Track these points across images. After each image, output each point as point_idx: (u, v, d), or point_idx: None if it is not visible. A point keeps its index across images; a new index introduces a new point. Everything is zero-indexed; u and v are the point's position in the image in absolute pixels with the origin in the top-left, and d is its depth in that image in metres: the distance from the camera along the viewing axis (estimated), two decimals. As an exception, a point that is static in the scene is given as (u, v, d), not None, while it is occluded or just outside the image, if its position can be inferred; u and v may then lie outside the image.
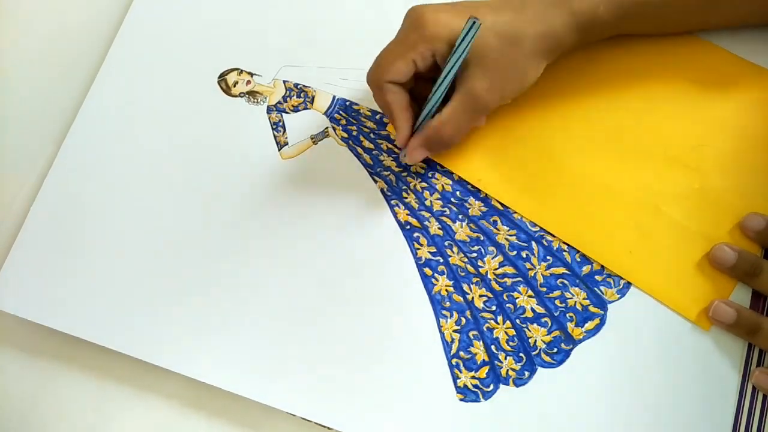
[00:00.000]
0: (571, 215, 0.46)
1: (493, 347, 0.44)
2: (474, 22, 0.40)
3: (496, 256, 0.46)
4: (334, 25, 0.54)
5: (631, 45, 0.48)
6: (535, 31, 0.43)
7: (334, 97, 0.52)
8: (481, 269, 0.46)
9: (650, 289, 0.44)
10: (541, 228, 0.46)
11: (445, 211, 0.48)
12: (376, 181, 0.49)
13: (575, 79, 0.48)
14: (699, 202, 0.45)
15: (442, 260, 0.47)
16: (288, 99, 0.52)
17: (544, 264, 0.46)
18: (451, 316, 0.45)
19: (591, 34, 0.45)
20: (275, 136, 0.51)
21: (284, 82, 0.53)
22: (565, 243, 0.46)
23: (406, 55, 0.43)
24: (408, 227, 0.48)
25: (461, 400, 0.44)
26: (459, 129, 0.45)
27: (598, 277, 0.45)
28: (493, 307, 0.45)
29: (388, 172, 0.49)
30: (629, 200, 0.46)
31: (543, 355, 0.44)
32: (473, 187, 0.48)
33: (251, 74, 0.53)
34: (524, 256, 0.46)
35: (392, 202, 0.48)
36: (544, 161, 0.47)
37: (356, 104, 0.52)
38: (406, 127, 0.45)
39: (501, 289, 0.45)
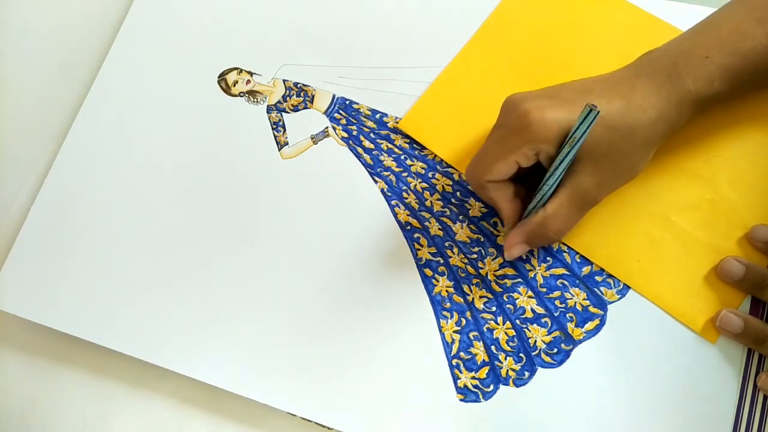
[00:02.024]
0: (580, 221, 0.46)
1: (493, 348, 0.44)
2: (591, 110, 0.36)
3: (496, 257, 0.46)
4: (333, 24, 0.54)
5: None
6: (648, 119, 0.39)
7: (333, 96, 0.52)
8: (481, 270, 0.46)
9: (656, 298, 0.44)
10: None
11: (445, 212, 0.48)
12: (376, 182, 0.49)
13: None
14: (710, 213, 0.45)
15: (442, 261, 0.47)
16: (288, 98, 0.52)
17: (543, 265, 0.46)
18: (452, 316, 0.45)
19: (704, 111, 0.42)
20: (275, 136, 0.51)
21: (284, 81, 0.53)
22: (565, 243, 0.46)
23: (507, 157, 0.40)
24: (408, 228, 0.48)
25: (461, 400, 0.44)
26: (565, 226, 0.42)
27: (598, 278, 0.45)
28: (493, 308, 0.45)
29: (389, 173, 0.49)
30: (639, 209, 0.45)
31: (543, 356, 0.44)
32: (473, 187, 0.48)
33: (251, 73, 0.53)
34: (524, 256, 0.46)
35: (392, 202, 0.48)
36: None
37: (356, 103, 0.52)
38: (514, 218, 0.43)
39: (501, 289, 0.46)
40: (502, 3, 0.52)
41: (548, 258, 0.46)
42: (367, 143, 0.50)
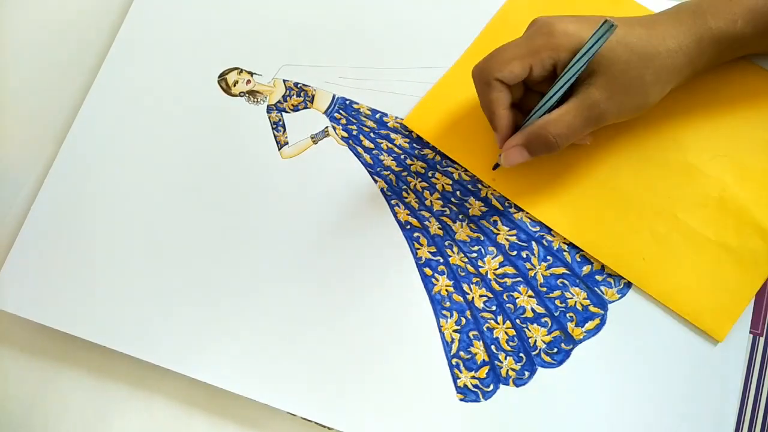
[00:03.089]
0: (585, 219, 0.46)
1: (493, 347, 0.44)
2: (607, 23, 0.38)
3: (496, 256, 0.46)
4: (333, 24, 0.54)
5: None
6: (666, 48, 0.41)
7: (333, 96, 0.52)
8: (481, 269, 0.46)
9: (662, 296, 0.44)
10: (542, 228, 0.46)
11: (445, 211, 0.48)
12: (376, 181, 0.49)
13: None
14: (717, 211, 0.45)
15: (442, 260, 0.46)
16: (288, 98, 0.52)
17: (544, 264, 0.45)
18: (451, 316, 0.45)
19: (725, 53, 0.42)
20: (275, 136, 0.51)
21: (284, 81, 0.53)
22: (565, 243, 0.46)
23: (525, 58, 0.41)
24: (408, 227, 0.48)
25: (461, 400, 0.44)
26: (567, 132, 0.42)
27: (598, 277, 0.45)
28: (493, 307, 0.45)
29: (389, 172, 0.49)
30: (645, 207, 0.45)
31: (543, 355, 0.44)
32: (473, 186, 0.48)
33: (251, 73, 0.53)
34: (524, 256, 0.46)
35: (392, 201, 0.48)
36: (560, 164, 0.47)
37: (356, 103, 0.52)
38: (507, 126, 0.43)
39: (501, 289, 0.45)
40: (508, 2, 0.52)
41: (548, 257, 0.46)
42: (367, 143, 0.50)
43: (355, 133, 0.51)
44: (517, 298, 0.45)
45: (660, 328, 0.43)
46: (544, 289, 0.45)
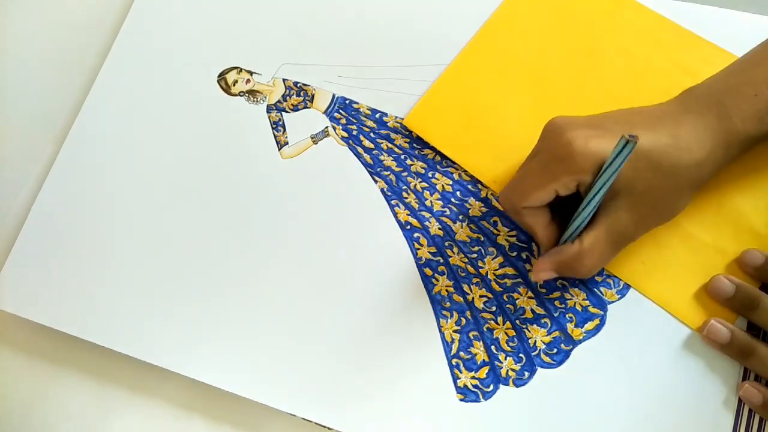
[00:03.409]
0: None
1: (493, 347, 0.44)
2: (627, 143, 0.34)
3: (496, 256, 0.46)
4: (333, 24, 0.54)
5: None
6: (693, 159, 0.38)
7: (333, 95, 0.52)
8: (481, 270, 0.46)
9: (660, 300, 0.44)
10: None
11: (445, 212, 0.48)
12: (376, 181, 0.49)
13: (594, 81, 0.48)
14: (716, 215, 0.44)
15: (442, 260, 0.46)
16: (288, 98, 0.52)
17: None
18: (451, 316, 0.45)
19: (750, 149, 0.40)
20: (275, 136, 0.51)
21: (284, 80, 0.53)
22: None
23: (547, 185, 0.39)
24: (408, 227, 0.48)
25: (461, 400, 0.44)
26: (599, 263, 0.41)
27: (597, 278, 0.45)
28: (493, 308, 0.45)
29: (389, 172, 0.49)
30: None
31: (543, 356, 0.44)
32: (474, 187, 0.48)
33: (251, 73, 0.53)
34: (524, 257, 0.46)
35: (392, 202, 0.48)
36: None
37: (356, 103, 0.52)
38: (551, 243, 0.42)
39: (501, 289, 0.45)
40: (507, 1, 0.52)
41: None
42: (367, 143, 0.50)
43: (355, 133, 0.51)
44: (517, 298, 0.45)
45: (659, 329, 0.43)
46: (544, 290, 0.45)
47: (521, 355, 0.44)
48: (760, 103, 0.38)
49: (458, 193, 0.48)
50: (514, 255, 0.46)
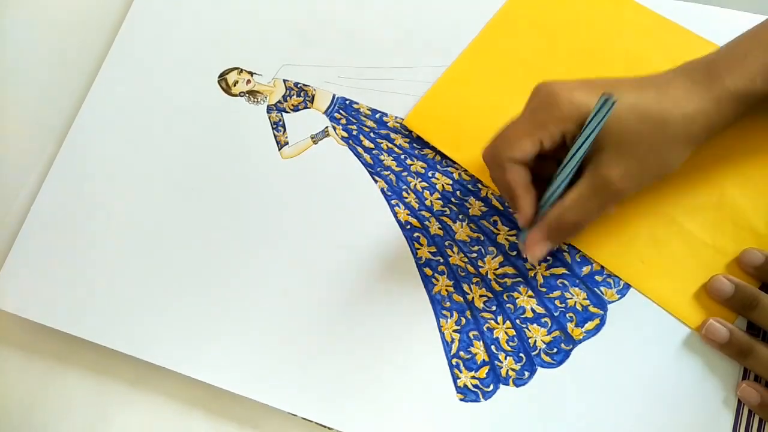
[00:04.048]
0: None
1: (493, 347, 0.44)
2: (606, 100, 0.36)
3: (496, 256, 0.46)
4: (333, 24, 0.54)
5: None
6: (681, 112, 0.38)
7: (333, 96, 0.52)
8: (481, 269, 0.46)
9: (660, 300, 0.44)
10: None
11: (445, 211, 0.48)
12: (376, 181, 0.49)
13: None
14: (716, 215, 0.44)
15: (442, 260, 0.46)
16: (288, 98, 0.52)
17: (544, 264, 0.45)
18: (451, 315, 0.45)
19: (744, 111, 0.40)
20: (275, 136, 0.51)
21: (284, 81, 0.53)
22: (565, 243, 0.46)
23: (533, 133, 0.39)
24: (408, 227, 0.48)
25: (461, 400, 0.44)
26: (585, 216, 0.40)
27: (598, 278, 0.45)
28: (493, 307, 0.45)
29: (389, 172, 0.49)
30: (645, 209, 0.45)
31: (543, 356, 0.44)
32: (473, 186, 0.48)
33: (251, 73, 0.53)
34: (524, 256, 0.46)
35: (392, 201, 0.48)
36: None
37: (356, 103, 0.52)
38: (530, 206, 0.41)
39: (501, 289, 0.45)
40: (509, 2, 0.52)
41: (548, 257, 0.46)
42: (367, 143, 0.50)
43: (355, 133, 0.51)
44: (517, 298, 0.45)
45: (659, 329, 0.43)
46: (544, 289, 0.45)
47: (521, 354, 0.44)
48: (752, 63, 0.39)
49: (458, 192, 0.48)
50: (514, 254, 0.46)
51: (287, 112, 0.52)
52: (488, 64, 0.50)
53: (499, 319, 0.45)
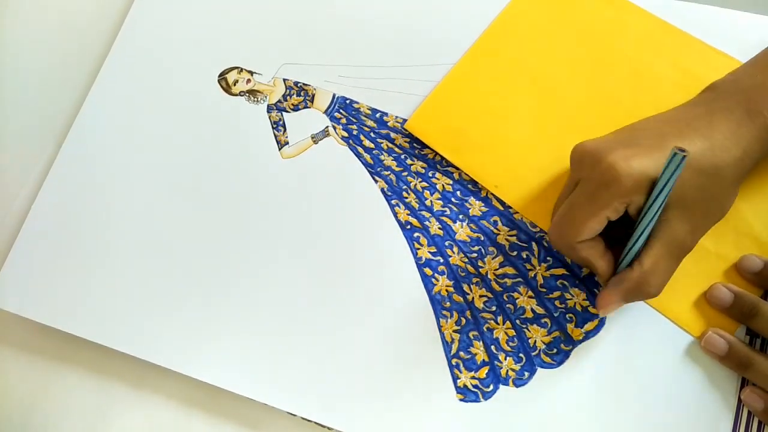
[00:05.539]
0: None
1: (493, 347, 0.44)
2: (676, 155, 0.34)
3: (496, 256, 0.46)
4: (333, 23, 0.54)
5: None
6: (732, 157, 0.38)
7: (334, 95, 0.52)
8: (481, 269, 0.46)
9: (660, 306, 0.43)
10: (542, 229, 0.46)
11: (445, 211, 0.48)
12: (376, 181, 0.49)
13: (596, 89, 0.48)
14: (718, 222, 0.44)
15: (442, 260, 0.46)
16: (288, 98, 0.52)
17: (544, 265, 0.45)
18: (451, 316, 0.45)
19: None
20: (275, 136, 0.51)
21: (284, 80, 0.53)
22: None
23: (598, 214, 0.38)
24: (408, 227, 0.48)
25: (461, 400, 0.44)
26: (665, 279, 0.39)
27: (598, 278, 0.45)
28: (493, 308, 0.45)
29: (389, 172, 0.49)
30: None
31: (543, 356, 0.44)
32: (474, 187, 0.48)
33: (251, 73, 0.53)
34: (524, 256, 0.46)
35: (392, 201, 0.48)
36: (566, 176, 0.46)
37: (356, 102, 0.52)
38: (609, 269, 0.40)
39: (501, 289, 0.45)
40: (511, 4, 0.51)
41: (548, 258, 0.46)
42: (367, 142, 0.50)
43: (355, 132, 0.51)
44: (517, 298, 0.45)
45: (659, 330, 0.43)
46: (544, 289, 0.45)
47: (521, 355, 0.44)
48: None
49: (458, 192, 0.48)
50: (514, 254, 0.46)
51: (287, 111, 0.52)
52: (489, 69, 0.50)
53: (499, 319, 0.45)
